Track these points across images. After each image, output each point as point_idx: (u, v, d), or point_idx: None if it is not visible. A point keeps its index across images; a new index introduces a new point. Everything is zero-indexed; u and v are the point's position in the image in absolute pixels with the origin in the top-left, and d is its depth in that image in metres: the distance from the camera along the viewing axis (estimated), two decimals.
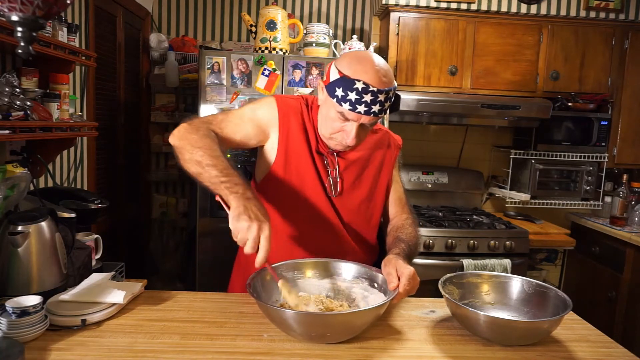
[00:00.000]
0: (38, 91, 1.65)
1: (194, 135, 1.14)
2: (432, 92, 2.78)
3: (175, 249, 3.29)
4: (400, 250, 1.22)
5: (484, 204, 3.28)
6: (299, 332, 1.00)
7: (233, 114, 1.29)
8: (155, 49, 3.08)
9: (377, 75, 1.15)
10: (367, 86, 1.13)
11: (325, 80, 1.22)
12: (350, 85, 1.14)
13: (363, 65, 1.16)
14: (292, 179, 1.29)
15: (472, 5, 2.77)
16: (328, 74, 1.21)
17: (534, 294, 1.20)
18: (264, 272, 1.16)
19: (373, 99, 1.14)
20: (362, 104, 1.15)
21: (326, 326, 1.00)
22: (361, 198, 1.35)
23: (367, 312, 1.03)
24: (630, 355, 1.06)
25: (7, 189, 1.23)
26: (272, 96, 1.33)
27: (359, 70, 1.15)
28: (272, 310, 1.00)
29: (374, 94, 1.14)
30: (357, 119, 1.18)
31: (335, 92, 1.17)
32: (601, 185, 3.05)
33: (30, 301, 1.00)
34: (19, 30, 0.91)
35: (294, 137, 1.29)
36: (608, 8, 2.83)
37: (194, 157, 1.10)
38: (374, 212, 1.39)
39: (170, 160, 3.27)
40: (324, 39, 2.64)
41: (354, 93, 1.14)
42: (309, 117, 1.31)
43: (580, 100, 2.85)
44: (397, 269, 1.12)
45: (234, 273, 1.47)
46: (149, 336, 1.03)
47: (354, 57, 1.19)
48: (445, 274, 1.23)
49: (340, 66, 1.17)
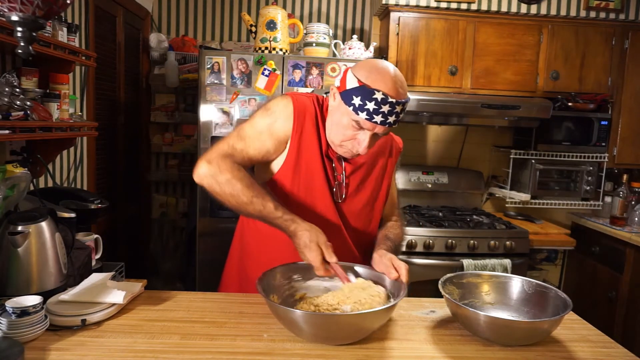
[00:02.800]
0: (38, 91, 1.65)
1: (224, 177, 1.17)
2: (432, 92, 2.78)
3: (175, 249, 3.29)
4: (387, 247, 1.27)
5: (484, 204, 3.27)
6: (309, 333, 1.00)
7: (250, 137, 1.24)
8: (155, 49, 3.08)
9: (395, 86, 1.15)
10: (386, 97, 1.13)
11: (340, 86, 1.19)
12: (370, 95, 1.13)
13: (382, 76, 1.15)
14: (301, 181, 1.28)
15: (472, 5, 2.77)
16: (344, 80, 1.18)
17: (534, 294, 1.20)
18: (272, 272, 1.17)
19: (390, 110, 1.14)
20: (379, 114, 1.14)
21: (335, 327, 1.00)
22: (363, 203, 1.35)
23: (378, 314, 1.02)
24: (630, 355, 1.06)
25: (7, 189, 1.23)
26: (288, 96, 1.29)
27: (379, 80, 1.14)
28: (282, 310, 1.00)
29: (392, 105, 1.14)
30: (372, 129, 1.17)
31: (352, 100, 1.15)
32: (601, 185, 3.04)
33: (30, 301, 1.00)
34: (19, 30, 0.91)
35: (306, 138, 1.27)
36: (608, 8, 2.83)
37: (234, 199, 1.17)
38: (374, 216, 1.40)
39: (170, 160, 3.27)
40: (324, 39, 2.64)
41: (373, 103, 1.13)
42: (321, 118, 1.29)
43: (580, 100, 2.85)
44: (393, 262, 1.17)
45: (226, 272, 1.47)
46: (149, 336, 1.03)
47: (373, 66, 1.18)
48: (445, 274, 1.23)
49: (359, 74, 1.16)
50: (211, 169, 1.17)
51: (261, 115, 1.27)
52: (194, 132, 3.10)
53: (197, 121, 2.46)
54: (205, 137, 2.44)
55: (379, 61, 1.22)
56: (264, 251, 1.34)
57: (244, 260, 1.40)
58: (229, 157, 1.20)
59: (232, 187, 1.16)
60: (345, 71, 1.20)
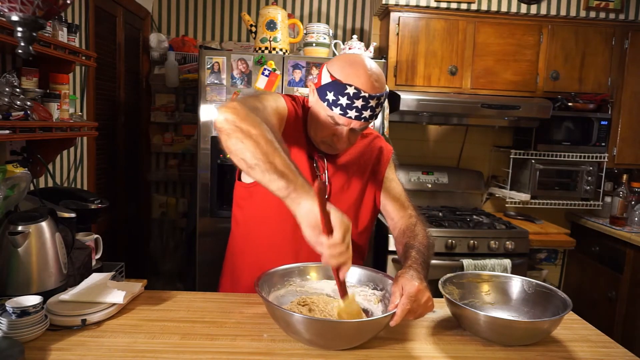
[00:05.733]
0: (38, 91, 1.65)
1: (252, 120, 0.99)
2: (432, 92, 2.78)
3: (175, 249, 3.29)
4: (412, 262, 1.13)
5: (484, 204, 3.27)
6: (307, 338, 0.99)
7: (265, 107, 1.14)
8: (155, 49, 3.08)
9: (369, 80, 1.13)
10: (358, 91, 1.12)
11: (316, 82, 1.20)
12: (342, 90, 1.13)
13: (355, 70, 1.14)
14: None
15: (472, 5, 2.77)
16: (320, 76, 1.19)
17: (534, 294, 1.20)
18: (271, 273, 1.16)
19: (364, 105, 1.13)
20: (353, 109, 1.13)
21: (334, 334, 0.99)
22: (349, 203, 1.33)
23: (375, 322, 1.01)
24: (630, 355, 1.06)
25: (7, 189, 1.23)
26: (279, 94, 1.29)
27: (351, 75, 1.13)
28: (279, 312, 0.99)
29: (365, 99, 1.13)
30: (347, 124, 1.17)
31: (326, 96, 1.15)
32: (601, 185, 3.04)
33: (30, 301, 1.00)
34: (19, 30, 0.91)
35: (292, 139, 1.25)
36: (608, 8, 2.83)
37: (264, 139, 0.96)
38: (362, 218, 1.37)
39: (170, 160, 3.27)
40: (324, 39, 2.64)
41: (345, 98, 1.13)
42: (303, 118, 1.30)
43: (580, 100, 2.85)
44: (403, 286, 1.04)
45: (222, 272, 1.47)
46: (149, 336, 1.03)
47: (346, 60, 1.18)
48: (445, 274, 1.23)
49: (332, 69, 1.16)
50: (237, 110, 0.99)
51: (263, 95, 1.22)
52: (194, 132, 3.10)
53: (197, 121, 2.46)
54: (205, 137, 2.44)
55: (353, 55, 1.21)
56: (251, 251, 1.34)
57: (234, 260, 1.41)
58: (254, 110, 1.05)
59: (261, 130, 0.97)
60: (322, 66, 1.20)
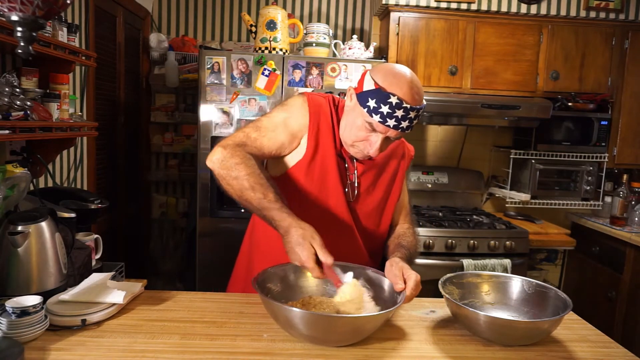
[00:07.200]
0: (38, 91, 1.65)
1: (233, 160, 1.16)
2: (432, 92, 2.78)
3: (175, 249, 3.29)
4: (402, 255, 1.24)
5: (484, 204, 3.27)
6: (305, 333, 1.00)
7: (266, 128, 1.26)
8: (155, 49, 3.08)
9: (411, 91, 1.15)
10: (400, 102, 1.13)
11: (357, 87, 1.21)
12: (385, 99, 1.14)
13: (399, 80, 1.16)
14: (315, 179, 1.29)
15: (472, 5, 2.77)
16: (361, 82, 1.20)
17: (534, 294, 1.20)
18: (270, 270, 1.16)
19: (404, 115, 1.15)
20: (392, 118, 1.15)
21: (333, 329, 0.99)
22: (374, 204, 1.36)
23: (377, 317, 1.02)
24: (630, 355, 1.06)
25: (7, 189, 1.23)
26: (304, 95, 1.31)
27: (395, 84, 1.15)
28: (277, 307, 0.99)
29: (406, 110, 1.14)
30: (384, 132, 1.18)
31: (367, 102, 1.16)
32: (601, 185, 3.04)
33: (30, 301, 1.00)
34: (19, 30, 0.91)
35: (323, 137, 1.29)
36: (608, 8, 2.83)
37: (237, 182, 1.14)
38: (384, 219, 1.40)
39: (170, 160, 3.27)
40: (324, 39, 2.64)
41: (387, 106, 1.14)
42: (336, 118, 1.31)
43: (580, 100, 2.85)
44: (403, 272, 1.13)
45: (235, 273, 1.47)
46: (149, 336, 1.03)
47: (391, 70, 1.19)
48: (445, 274, 1.23)
49: (376, 77, 1.17)
50: (224, 153, 1.18)
51: (278, 109, 1.31)
52: (194, 132, 3.10)
53: (197, 121, 2.46)
54: (205, 137, 2.44)
55: (397, 66, 1.23)
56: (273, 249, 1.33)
57: (253, 259, 1.40)
58: (242, 146, 1.21)
59: (238, 171, 1.15)
60: (364, 73, 1.22)
